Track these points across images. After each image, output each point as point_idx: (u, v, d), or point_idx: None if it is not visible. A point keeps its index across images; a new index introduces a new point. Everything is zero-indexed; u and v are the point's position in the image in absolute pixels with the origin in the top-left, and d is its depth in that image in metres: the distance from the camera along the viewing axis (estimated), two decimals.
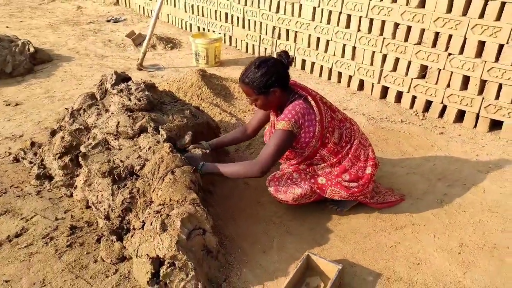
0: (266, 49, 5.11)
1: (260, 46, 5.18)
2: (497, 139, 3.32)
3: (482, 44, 3.28)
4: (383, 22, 3.82)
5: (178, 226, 1.80)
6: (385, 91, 4.06)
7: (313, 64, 4.60)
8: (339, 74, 4.40)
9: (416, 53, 3.67)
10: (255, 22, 5.08)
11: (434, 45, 3.56)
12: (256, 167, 2.11)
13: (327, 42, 4.36)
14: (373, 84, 4.10)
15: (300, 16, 4.53)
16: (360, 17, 3.96)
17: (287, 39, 4.81)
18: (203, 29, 5.81)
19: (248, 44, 5.34)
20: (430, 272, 2.02)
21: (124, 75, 2.68)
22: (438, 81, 3.61)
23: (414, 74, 3.74)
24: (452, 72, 3.50)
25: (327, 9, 4.21)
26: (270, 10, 4.82)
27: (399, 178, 2.76)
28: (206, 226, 1.89)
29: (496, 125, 3.40)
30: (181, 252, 1.74)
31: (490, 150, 3.17)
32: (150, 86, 2.55)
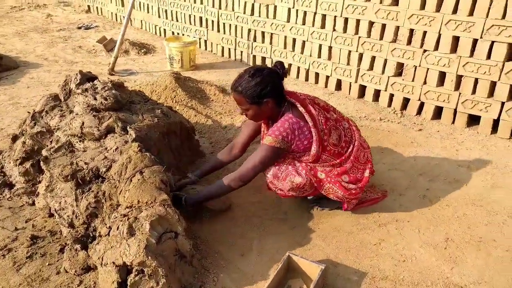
0: (242, 52, 5.02)
1: (236, 50, 5.10)
2: (475, 134, 3.30)
3: (456, 39, 3.28)
4: (358, 21, 3.79)
5: (147, 229, 1.65)
6: (362, 90, 4.02)
7: (290, 65, 4.53)
8: (316, 75, 4.35)
9: (391, 50, 3.65)
10: (230, 25, 5.00)
11: (409, 42, 3.55)
12: (237, 180, 2.06)
13: (303, 43, 4.31)
14: (350, 83, 4.05)
15: (275, 17, 4.48)
16: (335, 16, 3.93)
17: (263, 42, 4.74)
18: (178, 34, 5.69)
19: (224, 48, 5.25)
20: (417, 269, 1.93)
21: (90, 75, 2.52)
22: (415, 78, 3.59)
23: (390, 72, 3.72)
24: (428, 68, 3.48)
25: (302, 9, 4.16)
26: (245, 13, 4.75)
27: (381, 174, 2.68)
28: (179, 228, 1.75)
29: (474, 120, 3.39)
30: (150, 257, 1.60)
31: (469, 145, 3.14)
32: (118, 85, 2.40)
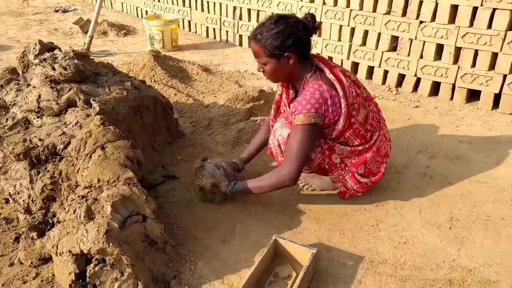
0: (227, 32, 4.75)
1: (221, 30, 4.82)
2: (475, 110, 3.09)
3: (455, 8, 3.05)
4: None
5: (108, 212, 1.41)
6: (355, 67, 3.79)
7: None
8: None
9: (385, 23, 3.41)
10: (214, 3, 4.72)
11: (404, 13, 3.31)
12: (284, 174, 1.76)
13: None
14: (342, 60, 3.81)
15: None
16: None
17: (249, 20, 4.47)
18: (160, 14, 5.38)
19: (208, 28, 4.97)
20: (419, 251, 1.72)
21: (51, 45, 2.25)
22: (410, 52, 3.36)
23: (384, 47, 3.48)
24: (424, 41, 3.26)
25: None
26: None
27: None
28: (147, 211, 1.51)
29: (473, 95, 3.18)
30: (111, 244, 1.36)
31: (470, 121, 2.94)
32: (82, 56, 2.13)
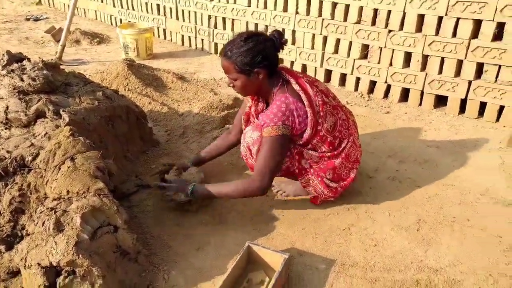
0: (203, 40, 4.77)
1: (196, 38, 4.84)
2: (443, 115, 3.21)
3: (421, 17, 3.17)
4: (321, 3, 3.63)
5: (78, 223, 1.40)
6: (328, 75, 3.87)
7: None
8: (281, 61, 4.16)
9: (356, 32, 3.50)
10: (189, 12, 4.73)
11: (374, 23, 3.41)
12: (255, 184, 1.79)
13: (266, 28, 4.11)
14: (316, 68, 3.89)
15: (235, 2, 4.25)
16: None
17: (224, 28, 4.51)
18: (134, 22, 5.36)
19: (183, 36, 4.98)
20: (389, 253, 1.77)
21: (20, 56, 2.22)
22: (381, 60, 3.46)
23: (356, 55, 3.58)
24: (393, 49, 3.36)
25: None
26: None
27: None
28: (118, 221, 1.50)
29: (441, 100, 3.30)
30: (81, 256, 1.34)
31: (438, 125, 3.04)
32: (51, 66, 2.11)
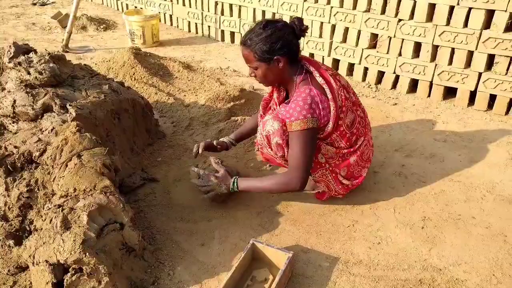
0: (209, 27, 4.72)
1: (203, 24, 4.79)
2: (452, 107, 3.17)
3: (432, 6, 3.09)
4: None
5: (85, 221, 1.42)
6: (336, 64, 3.82)
7: None
8: None
9: (365, 21, 3.44)
10: None
11: (384, 11, 3.35)
12: (293, 180, 1.76)
13: (273, 15, 4.05)
14: (323, 57, 3.84)
15: None
16: None
17: (231, 15, 4.45)
18: (140, 8, 5.31)
19: (190, 22, 4.93)
20: (392, 251, 1.78)
21: (26, 47, 2.22)
22: (390, 50, 3.40)
23: (364, 44, 3.52)
24: (403, 39, 3.30)
25: None
26: None
27: None
28: (124, 219, 1.52)
29: (450, 92, 3.25)
30: (88, 254, 1.37)
31: (446, 118, 3.01)
32: (58, 58, 2.10)
